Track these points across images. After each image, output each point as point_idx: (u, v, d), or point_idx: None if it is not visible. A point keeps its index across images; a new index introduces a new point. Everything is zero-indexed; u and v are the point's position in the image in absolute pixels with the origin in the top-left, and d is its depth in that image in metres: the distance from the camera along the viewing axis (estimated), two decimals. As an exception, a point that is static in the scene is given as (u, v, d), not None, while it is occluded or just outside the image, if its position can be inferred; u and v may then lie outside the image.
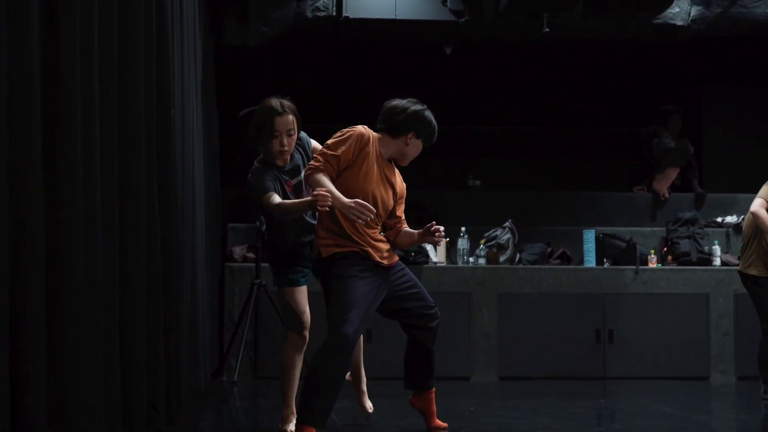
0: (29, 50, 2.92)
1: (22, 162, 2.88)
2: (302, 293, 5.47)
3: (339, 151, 5.12)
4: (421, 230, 5.45)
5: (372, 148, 5.25)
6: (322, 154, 5.11)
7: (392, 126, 5.35)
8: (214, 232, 9.44)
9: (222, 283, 9.59)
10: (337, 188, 5.03)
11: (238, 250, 9.80)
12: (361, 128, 5.26)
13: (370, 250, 5.14)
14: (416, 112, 5.39)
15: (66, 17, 3.27)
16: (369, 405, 5.89)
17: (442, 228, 5.33)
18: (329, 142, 5.19)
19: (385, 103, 5.47)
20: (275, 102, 5.43)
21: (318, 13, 9.72)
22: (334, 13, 9.72)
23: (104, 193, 3.78)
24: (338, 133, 5.23)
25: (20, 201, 2.86)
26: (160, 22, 5.16)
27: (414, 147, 5.42)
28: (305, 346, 5.52)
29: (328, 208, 4.89)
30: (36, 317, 2.92)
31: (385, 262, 5.22)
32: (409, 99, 5.47)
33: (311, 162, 5.10)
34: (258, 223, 9.26)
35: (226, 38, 9.85)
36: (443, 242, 9.85)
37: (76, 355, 3.27)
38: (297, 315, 5.41)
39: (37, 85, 2.99)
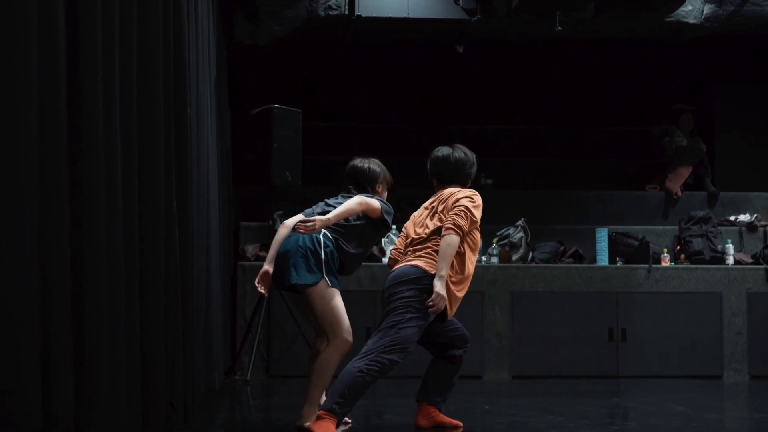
0: (55, 53, 2.94)
1: (48, 164, 2.90)
2: None
3: (477, 218, 5.50)
4: None
5: None
6: (466, 214, 5.42)
7: (467, 178, 5.79)
8: (227, 231, 9.46)
9: (234, 282, 9.60)
10: (467, 242, 5.48)
11: (251, 249, 9.82)
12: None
13: (454, 308, 5.56)
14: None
15: (86, 20, 3.28)
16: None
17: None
18: (469, 205, 5.47)
19: (448, 155, 5.76)
20: None
21: (330, 12, 9.74)
22: (347, 12, 9.74)
23: (125, 195, 3.80)
24: (472, 198, 5.52)
25: (45, 205, 2.88)
26: (177, 23, 5.17)
27: None
28: None
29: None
30: (61, 320, 2.94)
31: None
32: (455, 146, 5.83)
33: (456, 218, 5.40)
34: (271, 222, 9.28)
35: (237, 37, 9.87)
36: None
37: (98, 357, 3.30)
38: (346, 317, 5.51)
39: (63, 88, 3.01)
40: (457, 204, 5.45)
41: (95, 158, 3.32)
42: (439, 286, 5.30)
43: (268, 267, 5.68)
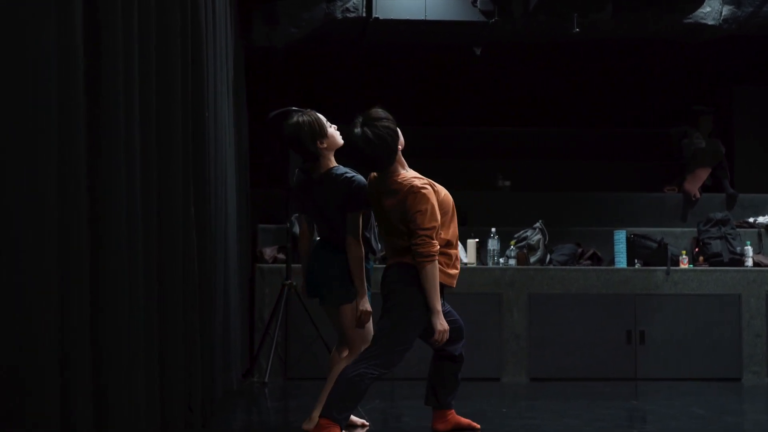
0: (74, 57, 2.95)
1: (67, 167, 2.92)
2: None
3: (438, 221, 5.24)
4: None
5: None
6: (430, 235, 5.17)
7: (396, 152, 5.51)
8: (245, 233, 9.48)
9: (252, 284, 9.62)
10: (441, 240, 5.27)
11: (269, 251, 9.84)
12: (426, 185, 5.28)
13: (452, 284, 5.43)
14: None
15: (107, 24, 3.30)
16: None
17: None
18: (424, 221, 5.16)
19: (388, 122, 5.56)
20: None
21: (348, 14, 9.75)
22: (364, 14, 9.74)
23: (144, 197, 3.81)
24: (421, 204, 5.18)
25: (65, 208, 2.90)
26: (195, 26, 5.19)
27: None
28: None
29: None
30: (80, 323, 2.96)
31: None
32: (362, 127, 5.48)
33: (427, 247, 5.15)
34: (289, 224, 9.29)
35: (254, 39, 9.89)
36: (473, 243, 9.86)
37: (116, 360, 3.31)
38: (372, 334, 5.49)
39: (81, 90, 3.02)
40: (415, 226, 5.16)
41: (114, 161, 3.33)
42: (439, 324, 5.21)
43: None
